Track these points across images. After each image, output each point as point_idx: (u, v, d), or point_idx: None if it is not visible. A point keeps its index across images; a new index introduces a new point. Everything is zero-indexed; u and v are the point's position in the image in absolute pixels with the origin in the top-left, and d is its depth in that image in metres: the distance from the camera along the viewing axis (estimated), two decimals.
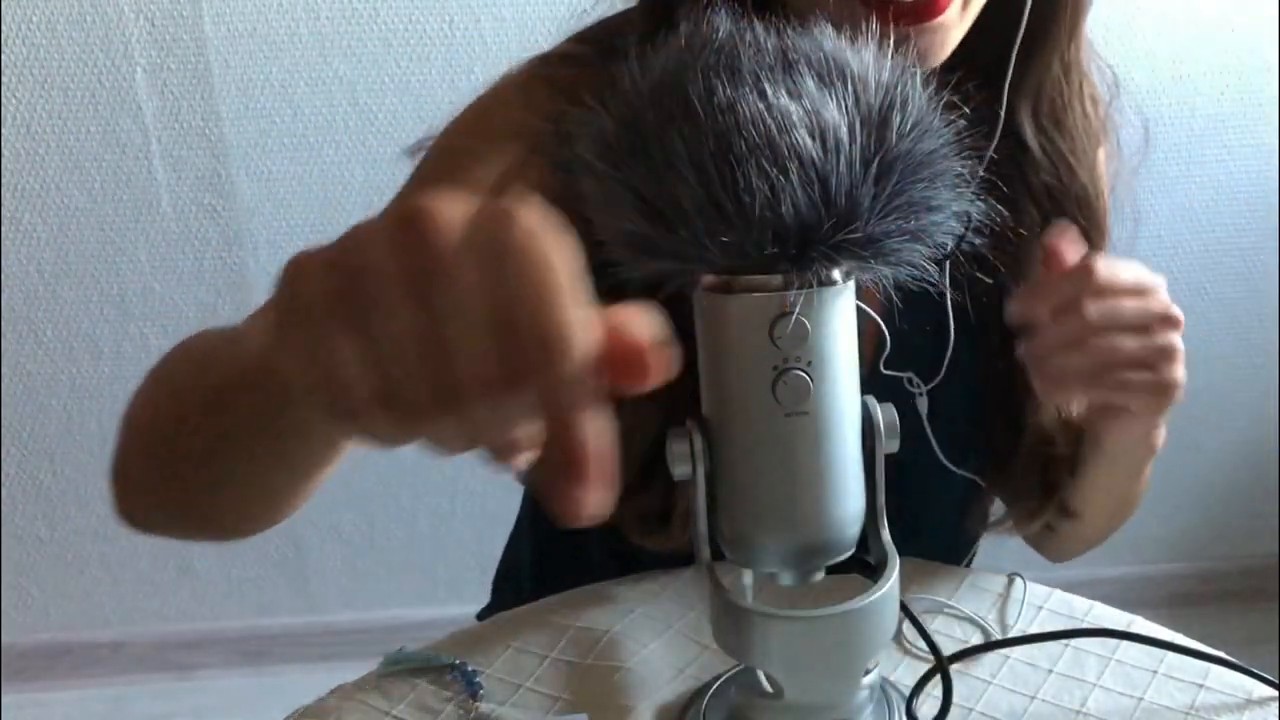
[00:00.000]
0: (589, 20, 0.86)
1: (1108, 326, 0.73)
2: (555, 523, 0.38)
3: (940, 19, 0.72)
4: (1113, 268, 0.74)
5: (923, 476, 0.85)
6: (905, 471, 0.72)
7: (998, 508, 0.96)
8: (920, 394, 0.85)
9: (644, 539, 0.85)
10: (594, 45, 0.84)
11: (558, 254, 0.37)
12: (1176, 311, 0.75)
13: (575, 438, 0.37)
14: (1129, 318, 0.74)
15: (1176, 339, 0.75)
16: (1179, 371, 0.75)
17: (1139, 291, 0.74)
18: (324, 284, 0.38)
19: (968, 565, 1.00)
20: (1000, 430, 0.88)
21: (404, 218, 0.37)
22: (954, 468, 0.87)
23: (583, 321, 0.36)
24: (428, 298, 0.36)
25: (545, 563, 1.05)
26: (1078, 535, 0.94)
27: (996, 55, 0.79)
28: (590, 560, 0.91)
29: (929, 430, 0.86)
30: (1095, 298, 0.73)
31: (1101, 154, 0.92)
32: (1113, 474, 0.87)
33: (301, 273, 0.39)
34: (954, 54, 0.76)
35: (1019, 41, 0.79)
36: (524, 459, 0.39)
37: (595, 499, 0.37)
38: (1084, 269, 0.74)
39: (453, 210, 0.37)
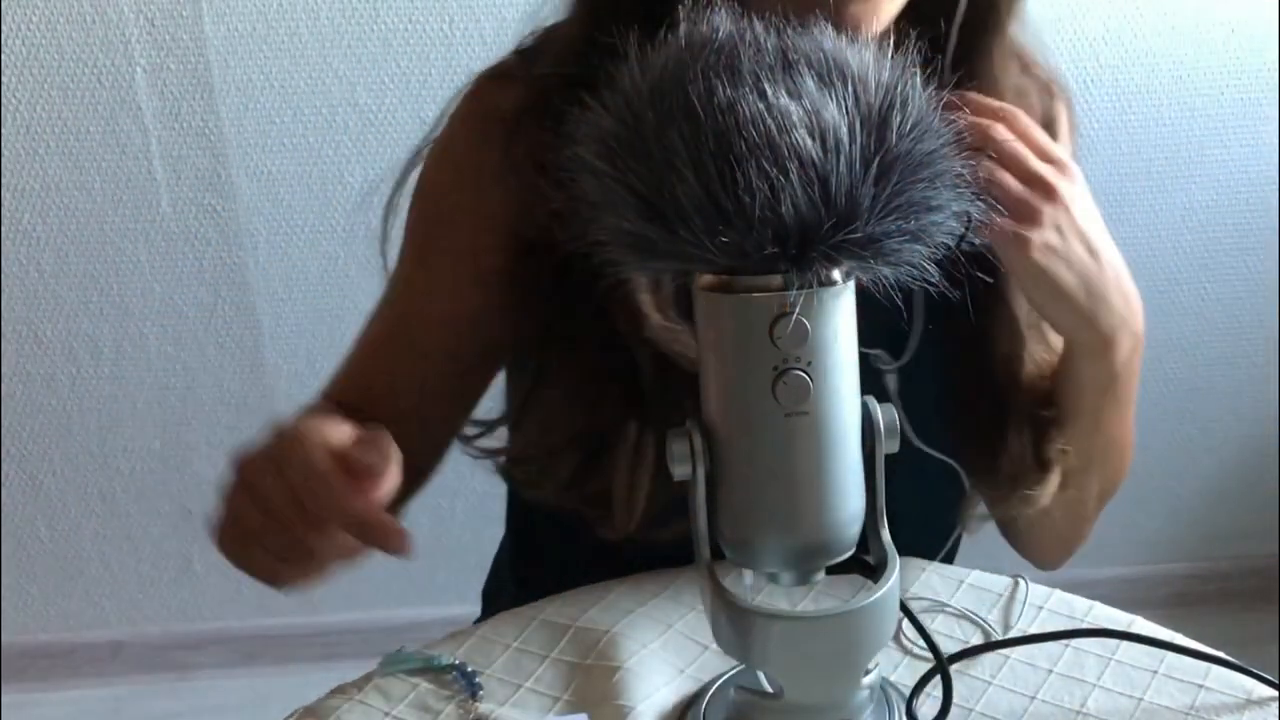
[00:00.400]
0: (541, 22, 0.89)
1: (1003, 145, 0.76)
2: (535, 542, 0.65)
3: None
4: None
5: (892, 463, 0.85)
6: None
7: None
8: (890, 370, 0.85)
9: (599, 529, 0.86)
10: (525, 56, 0.88)
11: (312, 442, 0.68)
12: (1064, 187, 0.77)
13: (355, 523, 0.66)
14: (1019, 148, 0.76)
15: (1059, 194, 0.76)
16: (1040, 213, 0.76)
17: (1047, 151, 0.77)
18: (232, 501, 0.73)
19: (948, 559, 1.00)
20: (974, 401, 0.87)
21: (237, 461, 0.72)
22: (926, 448, 0.86)
23: (327, 470, 0.66)
24: (266, 487, 0.69)
25: (531, 577, 1.05)
26: (1054, 520, 0.92)
27: (938, 40, 0.79)
28: (577, 572, 0.91)
29: (899, 408, 0.85)
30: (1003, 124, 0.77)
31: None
32: (1090, 425, 0.86)
33: (224, 502, 0.74)
34: (896, 35, 0.76)
35: (958, 21, 0.80)
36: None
37: (393, 540, 0.68)
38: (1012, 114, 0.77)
39: (257, 449, 0.71)
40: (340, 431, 0.70)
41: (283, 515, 0.67)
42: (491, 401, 1.00)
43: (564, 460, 0.87)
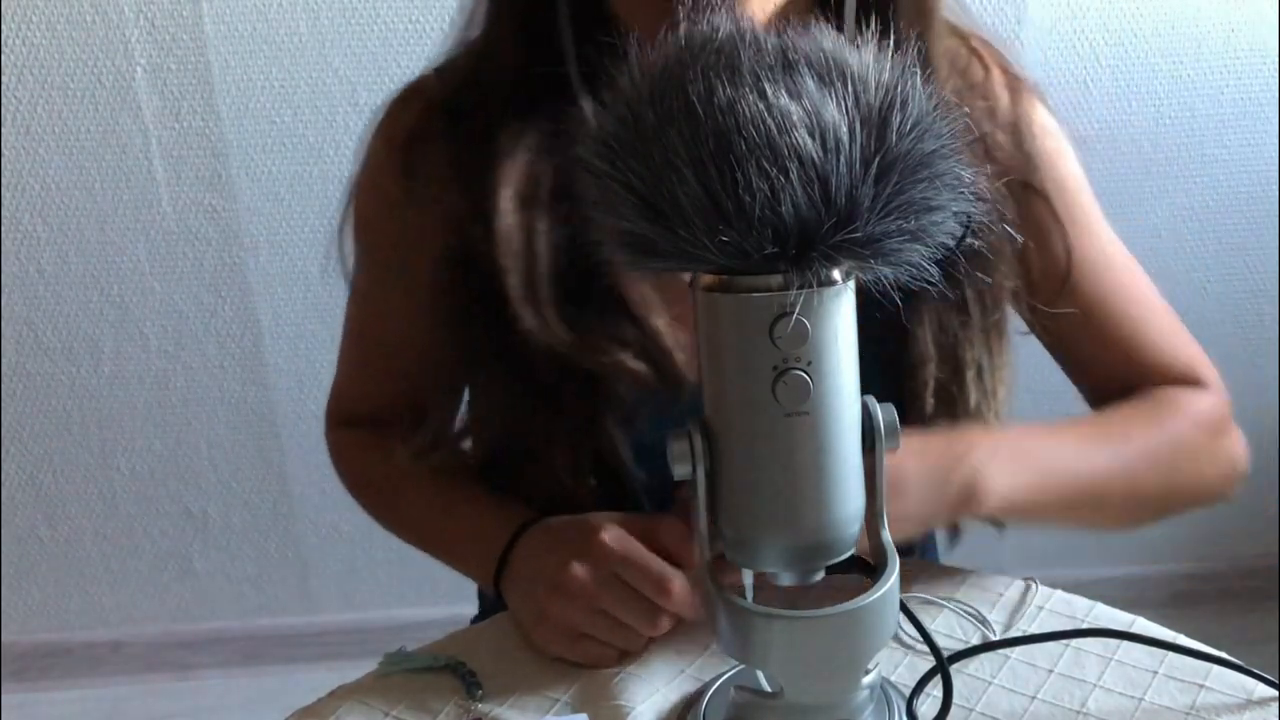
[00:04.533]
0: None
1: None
2: None
3: None
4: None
5: None
6: None
7: None
8: None
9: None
10: (439, 73, 0.91)
11: (637, 551, 0.78)
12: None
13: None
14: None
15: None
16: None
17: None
18: (552, 610, 0.80)
19: (923, 555, 1.02)
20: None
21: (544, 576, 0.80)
22: None
23: (664, 571, 0.78)
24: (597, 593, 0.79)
25: None
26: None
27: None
28: None
29: None
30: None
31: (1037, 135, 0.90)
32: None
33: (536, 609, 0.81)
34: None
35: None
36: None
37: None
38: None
39: (555, 559, 0.80)
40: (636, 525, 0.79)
41: (624, 614, 0.78)
42: None
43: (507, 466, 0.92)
